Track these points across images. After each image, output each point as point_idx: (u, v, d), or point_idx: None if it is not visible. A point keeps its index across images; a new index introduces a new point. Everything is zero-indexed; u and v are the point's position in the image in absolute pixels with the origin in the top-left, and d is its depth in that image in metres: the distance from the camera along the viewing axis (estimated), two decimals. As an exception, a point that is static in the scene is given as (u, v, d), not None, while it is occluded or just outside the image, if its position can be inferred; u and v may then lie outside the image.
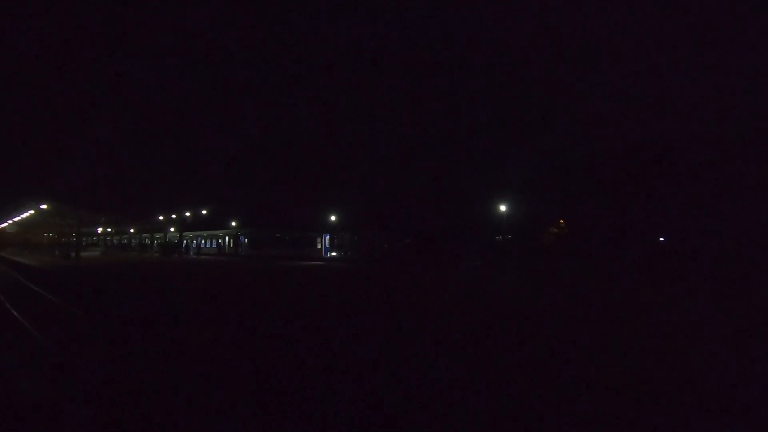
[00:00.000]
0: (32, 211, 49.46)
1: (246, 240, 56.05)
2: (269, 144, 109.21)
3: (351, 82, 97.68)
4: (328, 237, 46.53)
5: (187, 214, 57.73)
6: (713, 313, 10.49)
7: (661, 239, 37.22)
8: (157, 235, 68.22)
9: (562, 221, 42.28)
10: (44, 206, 44.96)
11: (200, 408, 4.68)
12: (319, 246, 46.40)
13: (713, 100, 54.00)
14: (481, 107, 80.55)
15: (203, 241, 65.24)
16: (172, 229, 64.33)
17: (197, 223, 61.62)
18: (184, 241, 63.75)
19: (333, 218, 48.10)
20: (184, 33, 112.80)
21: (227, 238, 59.71)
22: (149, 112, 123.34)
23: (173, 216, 59.13)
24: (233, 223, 61.30)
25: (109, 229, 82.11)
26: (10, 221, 64.45)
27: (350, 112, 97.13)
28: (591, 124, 57.73)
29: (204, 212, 58.95)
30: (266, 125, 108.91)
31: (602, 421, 4.29)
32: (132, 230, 78.29)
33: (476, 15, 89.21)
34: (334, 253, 45.32)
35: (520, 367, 5.97)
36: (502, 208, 37.61)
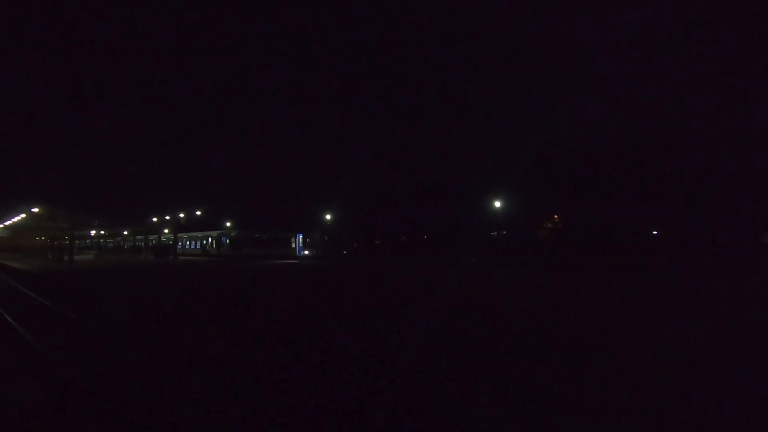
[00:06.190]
0: (24, 215, 48.99)
1: (227, 241, 57.98)
2: (255, 147, 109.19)
3: (341, 80, 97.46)
4: (301, 236, 48.42)
5: (181, 215, 57.75)
6: (706, 304, 10.58)
7: (655, 233, 37.53)
8: (151, 237, 67.89)
9: (556, 216, 42.47)
10: (36, 209, 44.52)
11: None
12: (293, 245, 48.25)
13: (705, 95, 54.42)
14: (474, 103, 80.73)
15: (187, 242, 66.60)
16: (166, 231, 64.05)
17: (187, 225, 62.23)
18: (179, 243, 63.77)
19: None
20: (175, 37, 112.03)
21: (210, 239, 61.60)
22: (141, 114, 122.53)
23: (167, 217, 59.00)
24: (228, 224, 61.91)
25: (102, 232, 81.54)
26: (1, 225, 63.80)
27: (339, 109, 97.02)
28: (585, 119, 58.02)
29: (198, 213, 59.05)
30: (252, 128, 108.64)
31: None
32: (125, 232, 77.85)
33: (469, 10, 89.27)
34: (306, 252, 46.91)
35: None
36: (497, 204, 37.69)
